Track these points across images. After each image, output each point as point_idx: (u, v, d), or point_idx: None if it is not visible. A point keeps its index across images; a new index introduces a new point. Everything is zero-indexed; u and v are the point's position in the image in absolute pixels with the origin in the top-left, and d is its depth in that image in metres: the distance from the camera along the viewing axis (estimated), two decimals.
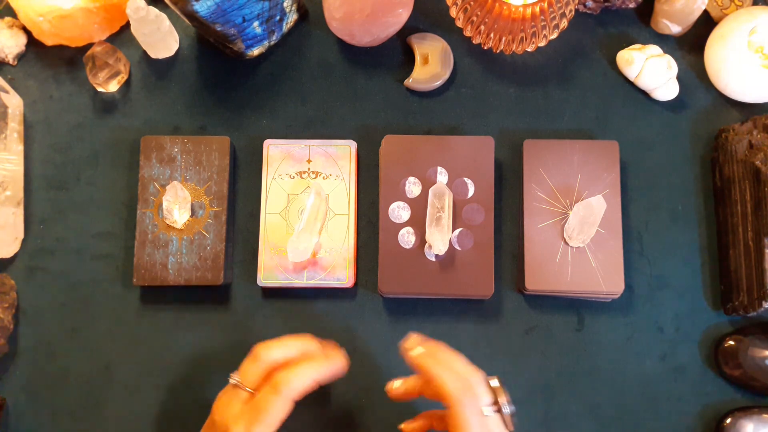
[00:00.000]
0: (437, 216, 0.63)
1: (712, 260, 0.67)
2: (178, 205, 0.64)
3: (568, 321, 0.66)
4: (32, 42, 0.71)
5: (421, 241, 0.64)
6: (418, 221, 0.65)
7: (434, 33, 0.70)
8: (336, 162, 0.67)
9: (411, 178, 0.65)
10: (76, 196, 0.68)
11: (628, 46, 0.70)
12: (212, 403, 0.65)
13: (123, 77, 0.70)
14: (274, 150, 0.67)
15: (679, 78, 0.69)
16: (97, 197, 0.68)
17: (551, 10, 0.63)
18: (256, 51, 0.69)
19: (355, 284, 0.66)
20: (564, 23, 0.66)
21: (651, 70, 0.67)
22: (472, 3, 0.64)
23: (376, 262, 0.66)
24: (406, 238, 0.64)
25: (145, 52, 0.71)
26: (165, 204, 0.65)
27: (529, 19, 0.63)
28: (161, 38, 0.68)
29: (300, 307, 0.66)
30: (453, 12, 0.67)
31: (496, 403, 0.50)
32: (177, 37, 0.71)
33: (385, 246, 0.64)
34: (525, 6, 0.62)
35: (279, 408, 0.51)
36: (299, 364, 0.53)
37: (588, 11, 0.71)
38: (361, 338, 0.66)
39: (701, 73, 0.70)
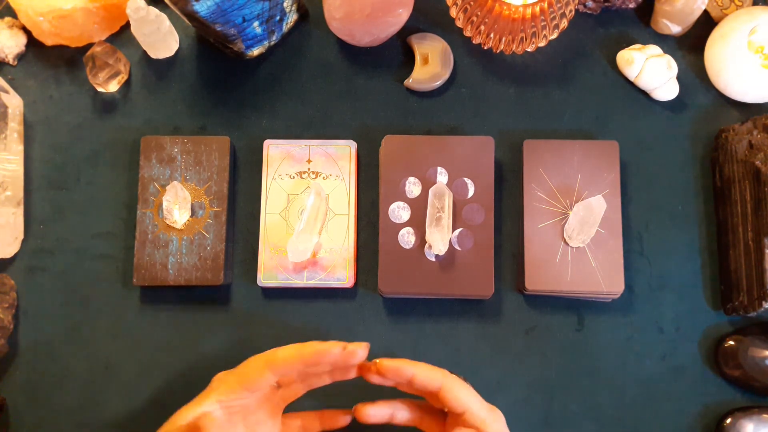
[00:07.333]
0: (437, 216, 0.63)
1: (712, 260, 0.67)
2: (178, 205, 0.64)
3: (568, 321, 0.66)
4: (32, 42, 0.71)
5: (421, 241, 0.64)
6: (418, 221, 0.65)
7: (434, 33, 0.70)
8: (336, 162, 0.67)
9: (411, 178, 0.65)
10: (76, 196, 0.68)
11: (628, 46, 0.70)
12: None
13: (123, 77, 0.70)
14: (274, 150, 0.67)
15: (679, 78, 0.69)
16: (97, 197, 0.68)
17: (551, 10, 0.63)
18: (256, 51, 0.69)
19: (355, 284, 0.66)
20: (564, 23, 0.66)
21: (651, 70, 0.67)
22: (472, 3, 0.64)
23: (376, 262, 0.66)
24: (406, 238, 0.64)
25: (145, 52, 0.71)
26: (165, 204, 0.65)
27: (529, 19, 0.63)
28: (161, 38, 0.68)
29: (300, 307, 0.66)
30: (453, 12, 0.67)
31: None
32: (177, 37, 0.71)
33: (385, 246, 0.64)
34: (525, 6, 0.62)
35: (254, 366, 0.52)
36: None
37: (588, 11, 0.71)
38: (361, 338, 0.65)
39: (701, 73, 0.70)
